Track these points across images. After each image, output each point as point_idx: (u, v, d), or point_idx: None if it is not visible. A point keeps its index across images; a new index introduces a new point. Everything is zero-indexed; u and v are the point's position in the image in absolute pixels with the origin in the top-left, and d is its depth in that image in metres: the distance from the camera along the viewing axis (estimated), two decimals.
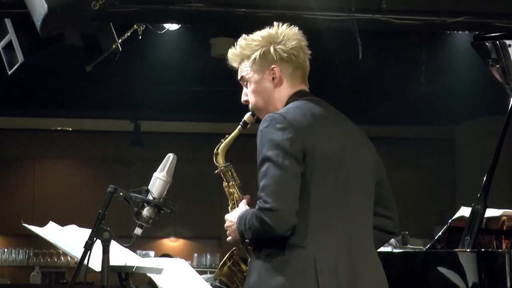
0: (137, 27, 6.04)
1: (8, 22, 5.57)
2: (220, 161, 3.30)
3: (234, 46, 3.15)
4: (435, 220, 11.27)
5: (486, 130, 9.78)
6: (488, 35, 4.48)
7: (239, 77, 3.16)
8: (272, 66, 3.07)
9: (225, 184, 3.31)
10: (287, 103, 3.07)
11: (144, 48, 8.17)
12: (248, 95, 3.15)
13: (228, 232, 3.08)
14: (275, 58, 3.06)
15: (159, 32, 6.42)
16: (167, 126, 12.24)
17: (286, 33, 3.09)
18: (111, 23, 5.83)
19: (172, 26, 6.79)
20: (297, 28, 3.12)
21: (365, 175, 3.04)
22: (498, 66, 4.48)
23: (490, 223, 4.45)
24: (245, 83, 3.15)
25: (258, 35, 3.11)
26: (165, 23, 6.36)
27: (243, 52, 3.11)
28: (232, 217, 3.06)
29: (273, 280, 2.86)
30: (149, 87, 10.13)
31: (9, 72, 5.63)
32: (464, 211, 4.41)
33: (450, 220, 4.51)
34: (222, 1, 5.58)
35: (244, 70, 3.12)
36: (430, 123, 11.77)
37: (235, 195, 3.28)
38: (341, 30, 5.79)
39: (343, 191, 2.95)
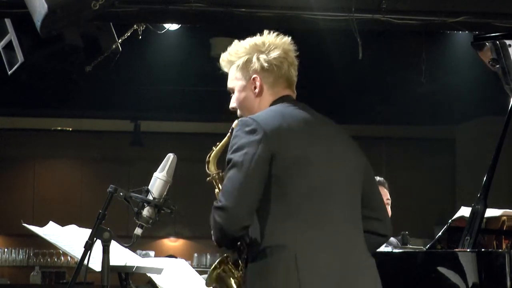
0: (137, 27, 6.03)
1: (8, 22, 5.56)
2: (212, 168, 3.25)
3: (226, 50, 3.15)
4: (435, 220, 11.27)
5: (486, 130, 9.77)
6: (488, 35, 4.48)
7: (227, 83, 3.16)
8: (253, 76, 3.06)
9: (216, 191, 3.27)
10: None
11: (144, 48, 8.17)
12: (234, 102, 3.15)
13: None
14: (256, 67, 3.05)
15: (159, 32, 6.41)
16: (167, 126, 12.24)
17: (272, 43, 3.07)
18: (111, 23, 5.83)
19: (172, 26, 6.79)
20: (288, 38, 3.10)
21: (349, 178, 3.00)
22: (498, 66, 4.49)
23: (490, 223, 4.45)
24: (231, 90, 3.15)
25: (247, 42, 3.11)
26: (165, 23, 6.35)
27: (230, 59, 3.12)
28: None
29: (257, 283, 2.88)
30: (149, 87, 10.13)
31: (9, 72, 5.62)
32: (464, 211, 4.41)
33: (450, 220, 4.51)
34: (222, 1, 5.57)
35: (231, 77, 3.13)
36: (430, 123, 11.77)
37: None
38: (341, 30, 5.78)
39: (322, 192, 2.91)
